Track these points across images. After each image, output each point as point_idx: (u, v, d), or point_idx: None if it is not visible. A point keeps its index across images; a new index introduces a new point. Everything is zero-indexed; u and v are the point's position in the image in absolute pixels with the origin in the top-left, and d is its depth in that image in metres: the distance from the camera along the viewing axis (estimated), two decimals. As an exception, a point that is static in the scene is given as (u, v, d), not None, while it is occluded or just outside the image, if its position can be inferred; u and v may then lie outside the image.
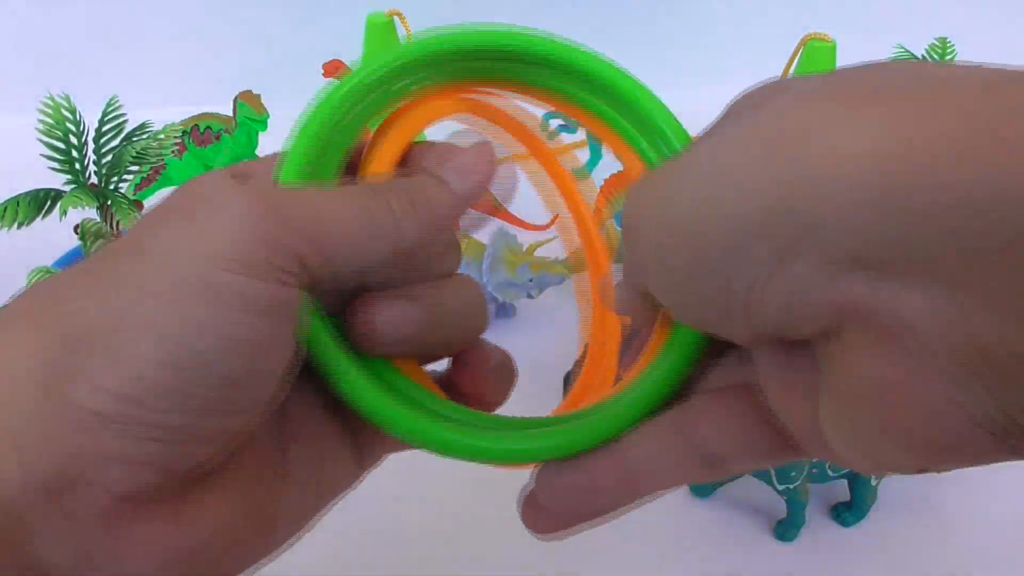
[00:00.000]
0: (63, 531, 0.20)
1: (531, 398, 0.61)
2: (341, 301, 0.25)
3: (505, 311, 0.70)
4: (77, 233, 0.44)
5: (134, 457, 0.20)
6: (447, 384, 0.28)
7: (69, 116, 0.40)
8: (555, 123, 0.93)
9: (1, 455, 0.19)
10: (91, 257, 0.23)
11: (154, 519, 0.21)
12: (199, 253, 0.21)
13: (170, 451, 0.21)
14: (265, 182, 0.24)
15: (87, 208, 0.41)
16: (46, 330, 0.21)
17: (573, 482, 0.25)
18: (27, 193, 0.41)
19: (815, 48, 0.81)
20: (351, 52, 0.89)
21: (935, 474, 0.49)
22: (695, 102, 1.16)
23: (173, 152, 0.83)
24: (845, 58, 0.82)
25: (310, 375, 0.24)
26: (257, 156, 0.85)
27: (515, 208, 0.83)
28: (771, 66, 0.88)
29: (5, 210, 0.40)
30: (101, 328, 0.21)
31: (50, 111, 0.39)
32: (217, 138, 0.83)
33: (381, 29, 0.90)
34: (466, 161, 0.28)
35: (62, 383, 0.20)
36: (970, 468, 0.52)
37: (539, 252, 0.66)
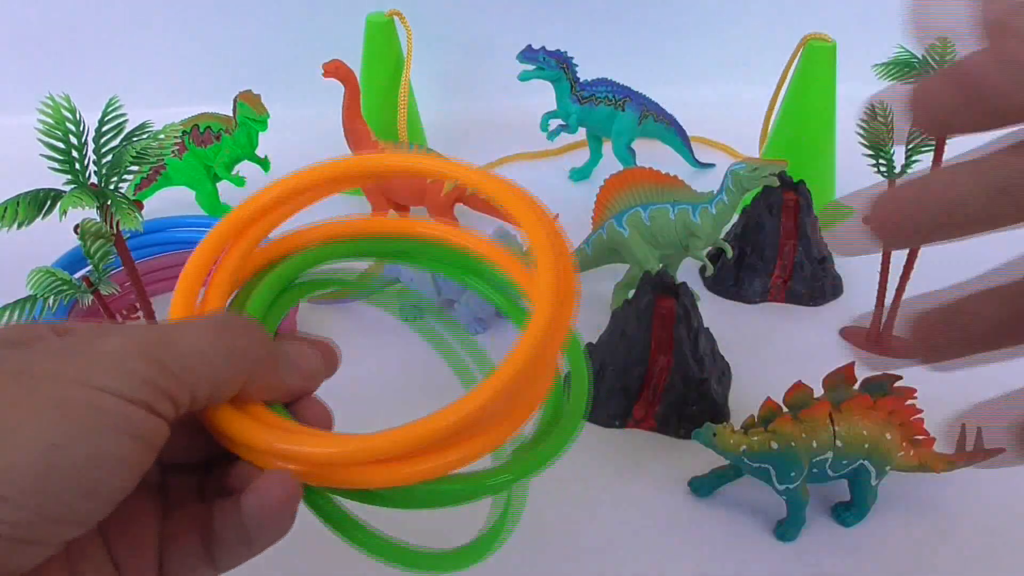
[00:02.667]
0: None
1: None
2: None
3: (505, 311, 0.70)
4: (77, 233, 0.44)
5: None
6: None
7: (69, 116, 0.40)
8: (554, 123, 0.93)
9: None
10: None
11: None
12: (85, 381, 0.23)
13: (10, 549, 0.22)
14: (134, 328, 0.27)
15: (87, 208, 0.41)
16: None
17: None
18: (27, 193, 0.41)
19: (815, 48, 0.81)
20: (351, 52, 0.89)
21: (935, 474, 0.49)
22: (695, 102, 1.16)
23: (173, 152, 0.83)
24: (845, 58, 0.82)
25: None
26: (256, 156, 0.85)
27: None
28: (771, 66, 0.88)
29: (5, 210, 0.40)
30: None
31: (50, 111, 0.39)
32: (217, 138, 0.83)
33: (381, 29, 0.91)
34: (300, 362, 0.30)
35: None
36: (970, 468, 0.52)
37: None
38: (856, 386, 0.48)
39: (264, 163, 0.86)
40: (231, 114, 0.83)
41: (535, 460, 0.34)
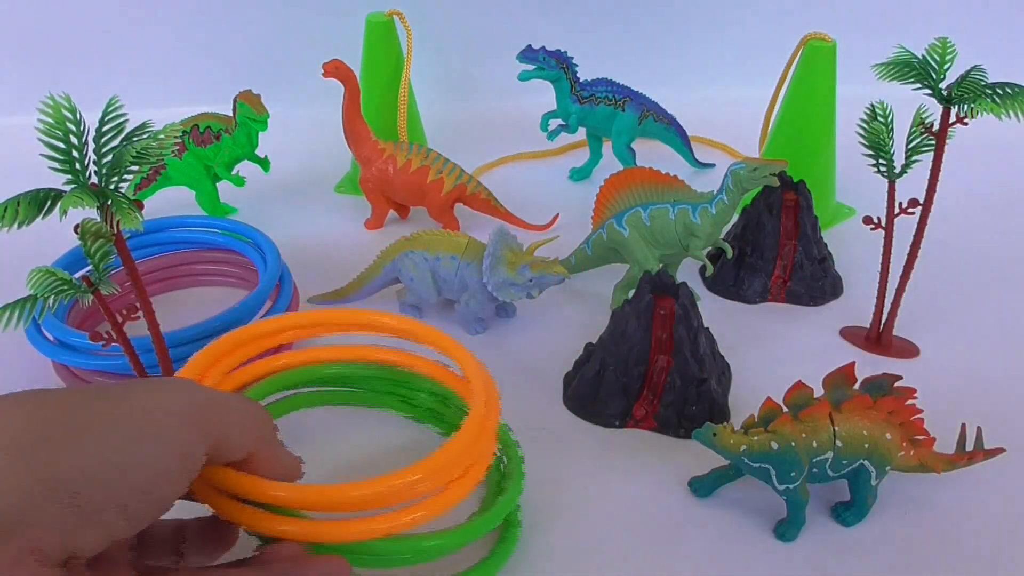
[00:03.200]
0: None
1: (531, 398, 0.61)
2: None
3: (505, 311, 0.70)
4: (77, 233, 0.44)
5: (60, 527, 0.28)
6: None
7: (69, 116, 0.40)
8: (554, 123, 0.93)
9: None
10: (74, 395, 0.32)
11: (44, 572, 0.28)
12: (162, 410, 0.33)
13: (86, 534, 0.29)
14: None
15: (87, 208, 0.41)
16: (24, 416, 0.30)
17: None
18: (27, 193, 0.41)
19: (815, 48, 0.81)
20: (351, 52, 0.89)
21: (935, 474, 0.49)
22: (695, 102, 1.16)
23: (173, 152, 0.83)
24: (845, 58, 0.82)
25: None
26: (256, 156, 0.85)
27: (515, 208, 0.84)
28: (771, 66, 0.88)
29: (5, 210, 0.40)
30: (79, 426, 0.30)
31: (50, 111, 0.39)
32: (217, 138, 0.83)
33: (381, 29, 0.90)
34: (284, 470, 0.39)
35: (39, 459, 0.29)
36: (969, 468, 0.52)
37: (539, 252, 0.67)
38: (856, 386, 0.48)
39: (264, 163, 0.86)
40: (231, 114, 0.83)
41: (483, 523, 0.43)
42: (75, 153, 0.40)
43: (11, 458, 0.28)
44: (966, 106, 0.54)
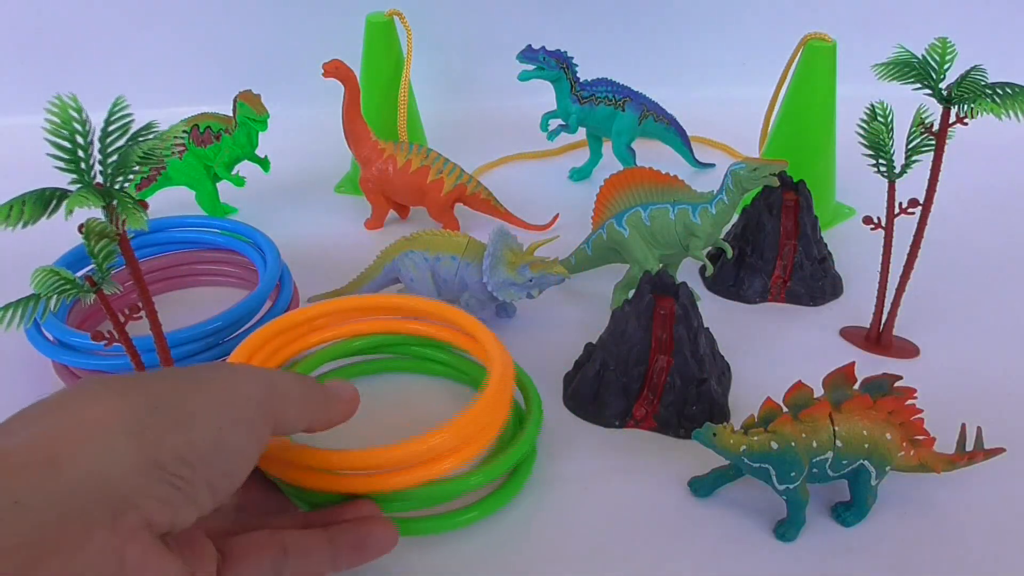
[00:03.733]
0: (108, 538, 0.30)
1: (531, 398, 0.60)
2: None
3: (505, 311, 0.70)
4: (81, 232, 0.44)
5: (166, 503, 0.32)
6: None
7: (76, 116, 0.40)
8: (554, 123, 0.93)
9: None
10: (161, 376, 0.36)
11: (154, 547, 0.32)
12: (239, 392, 0.36)
13: (186, 510, 0.33)
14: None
15: (93, 208, 0.41)
16: (133, 400, 0.33)
17: None
18: (32, 192, 0.41)
19: (815, 48, 0.81)
20: (351, 52, 0.89)
21: (935, 474, 0.50)
22: (695, 102, 1.16)
23: (174, 152, 0.83)
24: (845, 58, 0.82)
25: None
26: (256, 156, 0.85)
27: (515, 208, 0.84)
28: (771, 66, 0.88)
29: (11, 209, 0.40)
30: (180, 410, 0.34)
31: (57, 110, 0.39)
32: (217, 138, 0.83)
33: (381, 29, 0.91)
34: (342, 394, 0.43)
35: (147, 440, 0.32)
36: (969, 468, 0.52)
37: (539, 252, 0.67)
38: (856, 386, 0.48)
39: (264, 163, 0.86)
40: (231, 114, 0.83)
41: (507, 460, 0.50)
42: (81, 153, 0.40)
43: (127, 441, 0.31)
44: (966, 106, 0.54)
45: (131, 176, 0.42)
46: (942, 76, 0.55)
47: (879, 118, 0.57)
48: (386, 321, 0.61)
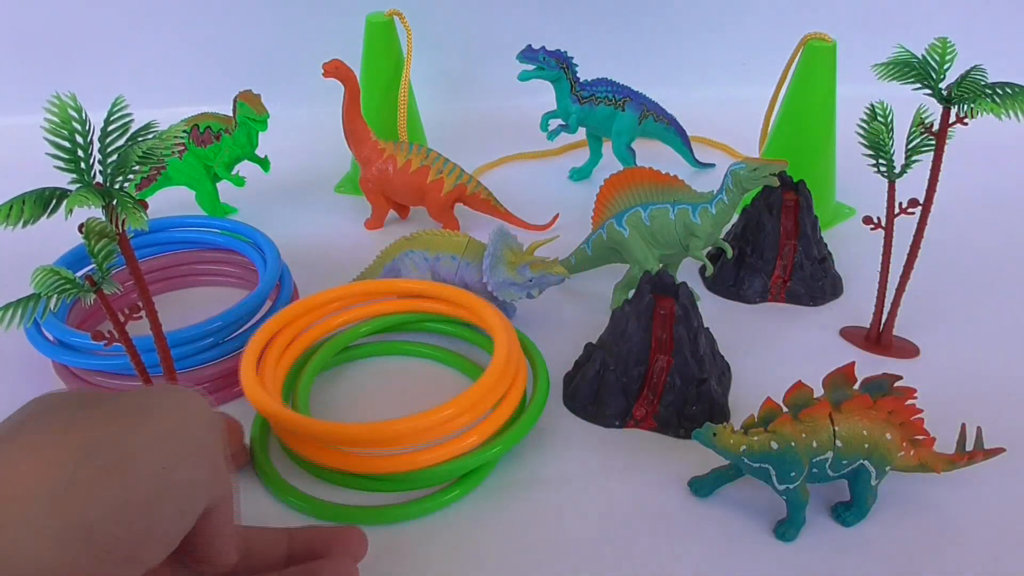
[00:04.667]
0: None
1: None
2: None
3: (505, 311, 0.70)
4: (81, 232, 0.44)
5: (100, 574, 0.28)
6: None
7: (75, 115, 0.40)
8: (554, 123, 0.93)
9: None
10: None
11: None
12: (184, 416, 0.32)
13: (123, 569, 0.29)
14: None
15: (93, 207, 0.41)
16: (68, 444, 0.29)
17: None
18: (32, 192, 0.41)
19: (815, 48, 0.81)
20: (351, 52, 0.89)
21: (935, 474, 0.50)
22: (695, 102, 1.16)
23: (174, 152, 0.83)
24: (845, 58, 0.82)
25: None
26: (256, 156, 0.85)
27: (515, 208, 0.84)
28: (771, 66, 0.88)
29: (11, 208, 0.40)
30: (119, 450, 0.29)
31: (56, 110, 0.39)
32: (217, 138, 0.83)
33: (381, 29, 0.90)
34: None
35: (75, 503, 0.28)
36: (969, 468, 0.52)
37: (539, 252, 0.67)
38: (856, 386, 0.48)
39: (264, 163, 0.86)
40: (231, 114, 0.83)
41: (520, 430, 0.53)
42: (80, 152, 0.40)
43: (51, 510, 0.27)
44: (966, 106, 0.54)
45: (131, 176, 0.42)
46: (942, 76, 0.55)
47: (879, 118, 0.57)
48: (391, 303, 0.65)
